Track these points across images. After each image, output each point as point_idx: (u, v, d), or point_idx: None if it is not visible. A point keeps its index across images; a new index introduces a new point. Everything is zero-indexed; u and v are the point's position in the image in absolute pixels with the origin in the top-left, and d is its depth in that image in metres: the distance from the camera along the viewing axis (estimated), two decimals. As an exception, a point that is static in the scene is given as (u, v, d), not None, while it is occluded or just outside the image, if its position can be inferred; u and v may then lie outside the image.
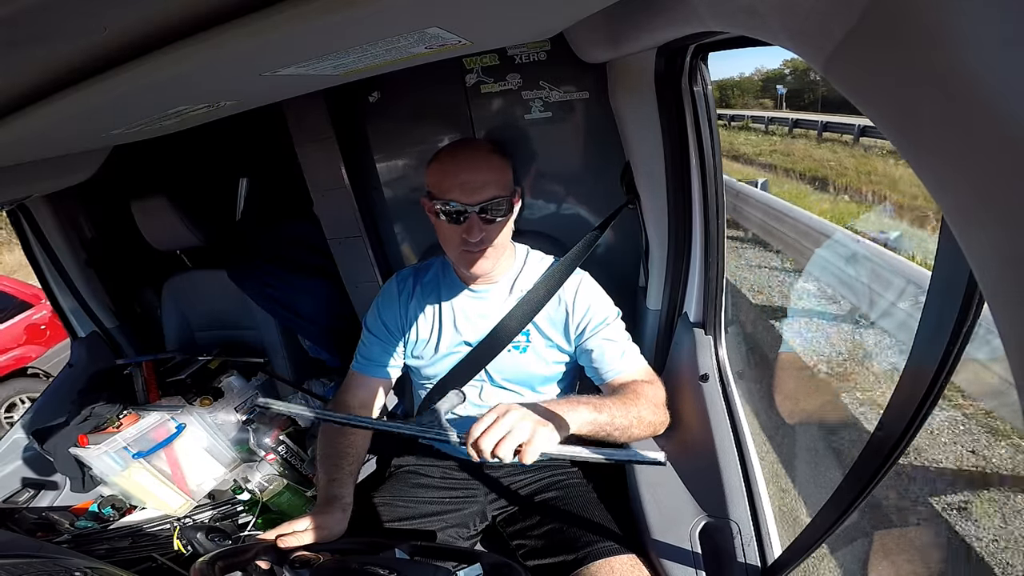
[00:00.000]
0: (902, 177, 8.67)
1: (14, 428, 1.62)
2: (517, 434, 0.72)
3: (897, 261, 3.99)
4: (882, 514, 2.25)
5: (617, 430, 0.87)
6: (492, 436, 0.72)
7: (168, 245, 1.64)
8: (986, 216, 0.23)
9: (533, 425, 0.74)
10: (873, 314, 3.91)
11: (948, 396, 2.99)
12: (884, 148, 11.23)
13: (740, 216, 6.58)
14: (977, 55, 0.20)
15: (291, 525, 0.88)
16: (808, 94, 25.71)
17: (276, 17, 0.38)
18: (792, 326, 4.14)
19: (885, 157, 10.57)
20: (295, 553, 0.82)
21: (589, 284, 1.07)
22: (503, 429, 0.72)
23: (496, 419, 0.73)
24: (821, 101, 21.11)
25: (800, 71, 29.93)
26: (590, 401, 0.87)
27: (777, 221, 5.62)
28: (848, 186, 9.96)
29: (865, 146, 12.54)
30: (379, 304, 1.11)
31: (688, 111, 0.92)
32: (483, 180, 0.92)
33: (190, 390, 1.71)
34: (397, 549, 0.79)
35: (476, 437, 0.73)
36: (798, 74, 30.84)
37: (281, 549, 0.83)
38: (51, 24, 0.34)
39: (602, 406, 0.86)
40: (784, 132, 17.09)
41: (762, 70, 39.30)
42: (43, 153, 0.84)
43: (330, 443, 1.05)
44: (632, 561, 0.86)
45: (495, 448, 0.72)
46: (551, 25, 0.76)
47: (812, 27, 0.31)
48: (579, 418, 0.82)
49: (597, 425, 0.84)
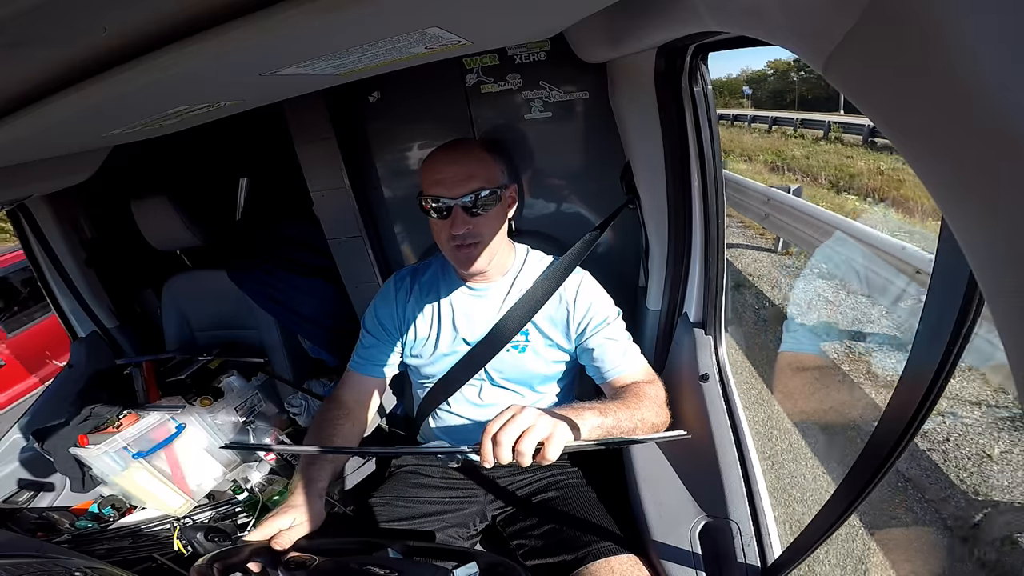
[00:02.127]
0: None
1: (14, 428, 1.62)
2: (538, 431, 0.70)
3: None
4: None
5: (623, 433, 0.87)
6: (511, 431, 0.70)
7: (168, 245, 1.64)
8: (986, 216, 0.23)
9: (552, 421, 0.73)
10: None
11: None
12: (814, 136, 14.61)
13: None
14: (977, 55, 0.20)
15: (271, 521, 0.83)
16: (788, 94, 27.98)
17: (276, 17, 0.38)
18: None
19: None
20: (290, 554, 0.82)
21: (590, 283, 1.07)
22: (522, 425, 0.71)
23: (513, 415, 0.72)
24: (798, 100, 23.87)
25: (781, 72, 31.90)
26: (594, 406, 0.86)
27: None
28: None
29: (816, 138, 15.06)
30: (377, 304, 1.12)
31: (688, 111, 0.92)
32: (466, 174, 0.92)
33: (190, 390, 1.71)
34: (390, 549, 0.79)
35: (495, 431, 0.71)
36: (778, 75, 32.75)
37: (277, 550, 0.82)
38: (51, 24, 0.34)
39: (607, 410, 0.86)
40: (764, 129, 18.81)
41: (747, 71, 40.90)
42: (43, 153, 0.84)
43: (319, 427, 1.04)
44: (632, 561, 0.86)
45: (516, 443, 0.70)
46: (551, 25, 0.76)
47: (812, 27, 0.31)
48: (587, 423, 0.81)
49: (604, 429, 0.84)
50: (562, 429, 0.73)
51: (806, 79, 26.89)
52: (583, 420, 0.81)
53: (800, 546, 0.71)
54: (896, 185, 8.17)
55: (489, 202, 0.94)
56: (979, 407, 2.89)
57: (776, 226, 5.48)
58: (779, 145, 14.82)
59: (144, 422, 1.46)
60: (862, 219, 5.46)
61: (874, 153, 11.26)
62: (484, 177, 0.94)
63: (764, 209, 5.72)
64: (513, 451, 0.70)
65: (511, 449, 0.70)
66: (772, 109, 25.14)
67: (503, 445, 0.70)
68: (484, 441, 0.72)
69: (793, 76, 28.86)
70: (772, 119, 18.55)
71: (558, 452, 0.71)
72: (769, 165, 12.29)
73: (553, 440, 0.71)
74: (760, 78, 37.01)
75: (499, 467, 1.12)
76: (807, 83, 26.67)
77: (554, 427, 0.72)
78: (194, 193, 1.61)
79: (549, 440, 0.71)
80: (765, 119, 19.16)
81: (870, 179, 9.25)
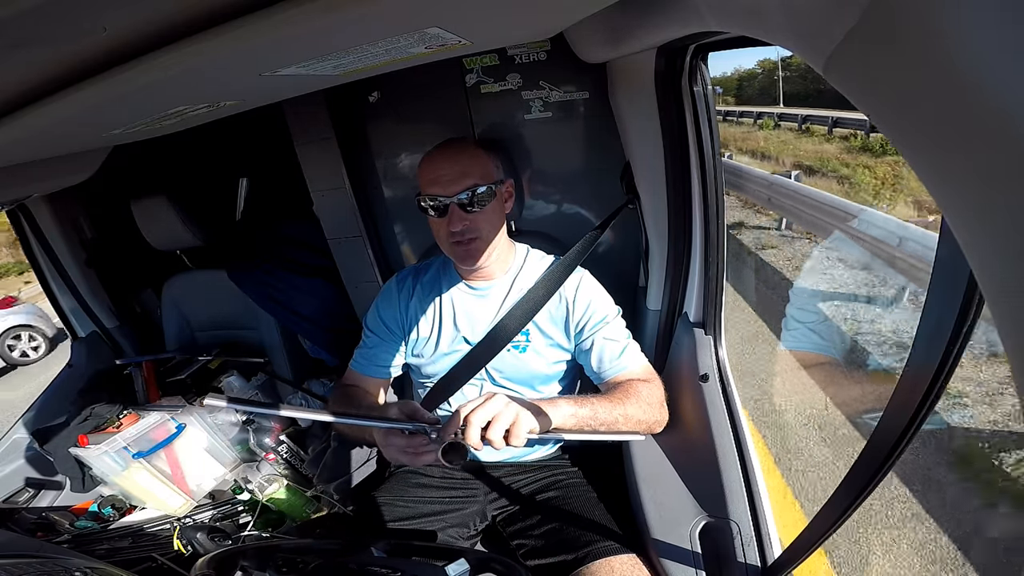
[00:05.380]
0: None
1: (14, 428, 1.62)
2: (503, 418, 0.75)
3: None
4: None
5: (602, 425, 0.89)
6: (480, 414, 0.75)
7: (168, 245, 1.64)
8: (986, 215, 0.23)
9: (516, 409, 0.77)
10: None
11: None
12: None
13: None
14: (977, 55, 0.20)
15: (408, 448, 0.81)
16: (774, 91, 30.75)
17: (276, 17, 0.38)
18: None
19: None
20: (287, 554, 0.82)
21: (590, 282, 1.07)
22: (489, 412, 0.75)
23: (484, 401, 0.77)
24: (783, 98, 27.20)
25: (768, 70, 35.14)
26: (571, 398, 0.90)
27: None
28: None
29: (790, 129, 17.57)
30: (379, 304, 1.12)
31: (688, 111, 0.92)
32: (460, 171, 0.94)
33: (190, 390, 1.71)
34: (373, 548, 0.79)
35: (466, 414, 0.76)
36: (765, 73, 36.05)
37: (275, 550, 0.82)
38: (51, 24, 0.34)
39: (584, 402, 0.89)
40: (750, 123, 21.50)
41: (740, 70, 43.53)
42: (43, 153, 0.84)
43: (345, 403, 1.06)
44: (632, 561, 0.86)
45: (485, 431, 0.74)
46: (551, 25, 0.76)
47: (812, 27, 0.31)
48: (561, 412, 0.85)
49: (579, 419, 0.87)
50: (526, 416, 0.77)
51: (788, 79, 30.01)
52: (557, 408, 0.85)
53: (800, 546, 0.71)
54: (824, 162, 11.24)
55: (485, 198, 0.95)
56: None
57: (778, 207, 6.54)
58: (753, 135, 17.61)
59: (144, 422, 1.46)
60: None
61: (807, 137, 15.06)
62: (479, 174, 0.95)
63: (767, 193, 6.74)
64: (484, 438, 0.75)
65: (480, 433, 0.74)
66: (759, 105, 27.76)
67: (473, 426, 0.74)
68: (452, 419, 0.76)
69: (778, 75, 31.49)
70: (756, 114, 21.26)
71: (522, 439, 0.76)
72: (745, 151, 14.88)
73: (517, 426, 0.76)
74: (751, 76, 39.75)
75: (499, 466, 1.13)
76: (788, 82, 30.01)
77: (517, 414, 0.76)
78: (194, 193, 1.60)
79: (514, 426, 0.76)
80: (750, 114, 22.10)
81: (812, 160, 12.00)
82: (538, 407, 0.82)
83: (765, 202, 6.79)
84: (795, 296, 4.60)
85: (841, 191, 8.28)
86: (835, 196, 5.91)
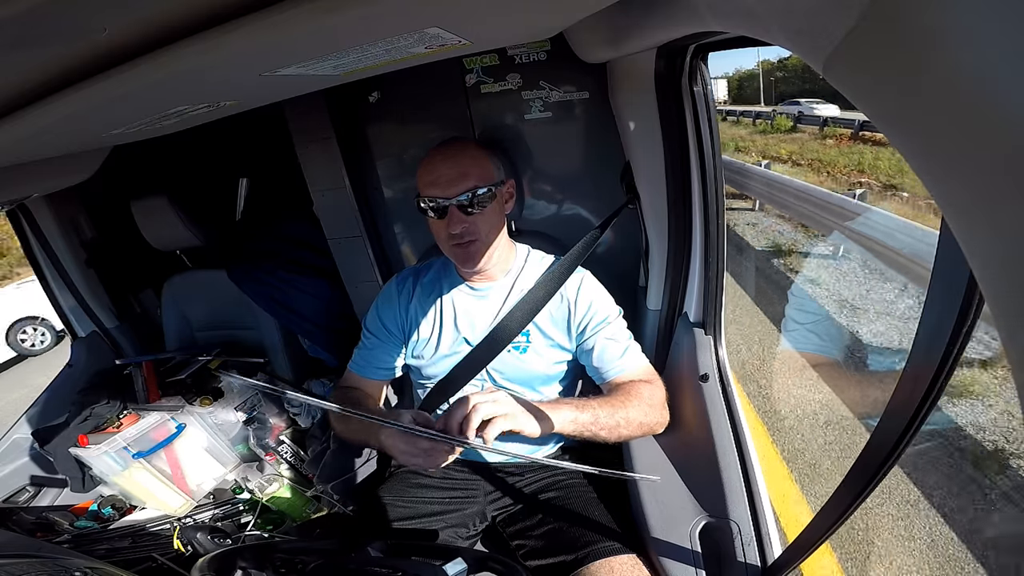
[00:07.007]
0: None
1: (14, 428, 1.62)
2: (482, 411, 0.76)
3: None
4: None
5: (603, 430, 0.88)
6: (488, 409, 0.76)
7: (168, 245, 1.64)
8: (986, 216, 0.23)
9: (502, 408, 0.78)
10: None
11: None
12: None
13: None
14: (977, 55, 0.20)
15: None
16: (767, 89, 34.26)
17: (276, 17, 0.38)
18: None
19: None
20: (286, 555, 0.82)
21: (591, 282, 1.07)
22: (496, 410, 0.76)
23: (494, 399, 0.78)
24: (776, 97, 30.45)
25: (765, 70, 38.12)
26: (573, 401, 0.89)
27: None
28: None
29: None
30: (379, 305, 1.12)
31: (688, 111, 0.92)
32: (460, 172, 0.93)
33: (190, 390, 1.71)
34: (370, 548, 0.79)
35: (476, 403, 0.77)
36: (764, 74, 38.61)
37: (274, 550, 0.83)
38: (51, 24, 0.34)
39: (586, 406, 0.89)
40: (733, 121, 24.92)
41: (740, 70, 46.06)
42: (43, 153, 0.84)
43: (346, 417, 1.04)
44: (632, 561, 0.86)
45: (485, 426, 0.76)
46: (551, 25, 0.76)
47: (812, 27, 0.31)
48: (561, 416, 0.85)
49: (580, 424, 0.87)
50: (504, 421, 0.77)
51: (784, 79, 32.76)
52: (558, 413, 0.85)
53: (800, 546, 0.71)
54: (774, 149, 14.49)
55: (485, 199, 0.95)
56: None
57: (754, 191, 7.82)
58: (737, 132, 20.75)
59: (144, 422, 1.46)
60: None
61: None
62: (478, 175, 0.94)
63: (741, 179, 8.04)
64: (462, 430, 0.76)
65: (479, 424, 0.76)
66: (755, 105, 31.15)
67: (478, 413, 0.75)
68: (461, 403, 0.78)
69: (776, 75, 34.19)
70: (749, 112, 24.52)
71: (494, 435, 0.76)
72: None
73: (492, 426, 0.76)
74: (751, 76, 41.76)
75: (499, 467, 1.13)
76: (784, 82, 32.93)
77: (495, 414, 0.77)
78: (194, 193, 1.60)
79: (490, 424, 0.76)
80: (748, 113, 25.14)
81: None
82: (539, 409, 0.82)
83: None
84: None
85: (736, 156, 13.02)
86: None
